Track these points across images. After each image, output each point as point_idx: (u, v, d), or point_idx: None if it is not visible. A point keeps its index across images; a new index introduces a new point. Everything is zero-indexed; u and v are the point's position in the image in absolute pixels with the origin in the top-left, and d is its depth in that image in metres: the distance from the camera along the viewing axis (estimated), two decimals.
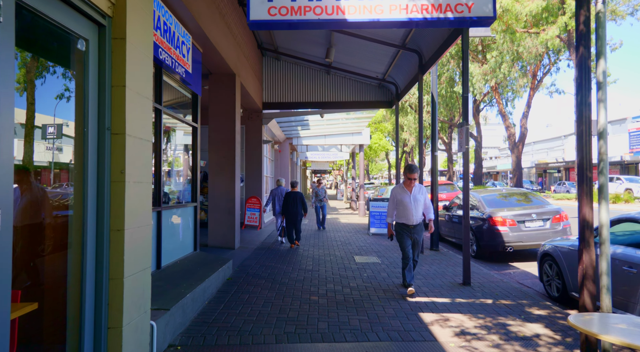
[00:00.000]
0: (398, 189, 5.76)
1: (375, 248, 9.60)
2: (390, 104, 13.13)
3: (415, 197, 5.66)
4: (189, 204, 6.86)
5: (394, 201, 5.76)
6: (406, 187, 5.71)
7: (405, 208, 5.64)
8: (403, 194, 5.69)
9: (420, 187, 5.79)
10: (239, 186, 9.21)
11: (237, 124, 9.19)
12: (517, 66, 29.40)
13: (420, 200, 5.69)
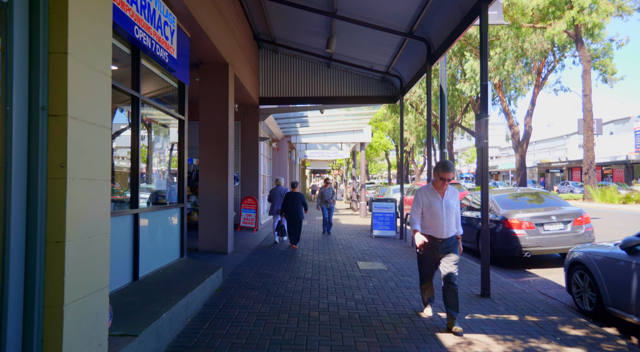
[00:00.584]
0: (426, 192, 4.51)
1: (379, 252, 8.90)
2: (394, 99, 12.43)
3: (447, 204, 4.41)
4: (175, 206, 6.15)
5: (419, 206, 4.49)
6: (437, 190, 4.46)
7: (433, 216, 4.39)
8: (433, 198, 4.43)
9: (454, 191, 4.54)
10: (232, 186, 8.51)
11: (231, 119, 8.48)
12: (521, 63, 28.74)
13: (453, 207, 4.46)
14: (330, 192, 12.16)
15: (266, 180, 16.41)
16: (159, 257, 5.52)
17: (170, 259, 5.92)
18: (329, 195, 12.13)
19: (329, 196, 12.13)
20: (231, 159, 8.48)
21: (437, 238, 4.39)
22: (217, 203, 8.16)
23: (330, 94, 12.39)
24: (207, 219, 8.18)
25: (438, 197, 4.42)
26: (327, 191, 12.18)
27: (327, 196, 12.11)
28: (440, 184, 4.39)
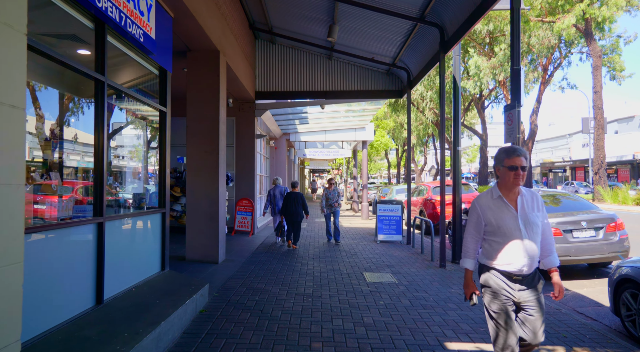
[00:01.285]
0: (488, 200, 2.82)
1: (386, 261, 8.06)
2: (400, 93, 11.59)
3: (526, 218, 2.73)
4: (153, 211, 5.30)
5: (478, 223, 2.85)
6: (505, 195, 2.78)
7: (507, 237, 2.73)
8: (500, 209, 2.76)
9: (534, 197, 2.80)
10: (223, 187, 7.66)
11: (222, 112, 7.63)
12: (526, 59, 27.91)
13: (537, 222, 2.74)
14: (335, 194, 10.55)
15: (263, 180, 15.57)
16: (132, 272, 4.67)
17: (148, 273, 5.07)
18: (334, 198, 10.53)
19: (334, 198, 10.55)
20: (223, 158, 7.64)
21: (513, 274, 2.72)
22: (206, 207, 7.32)
23: (331, 88, 11.55)
24: (196, 225, 7.33)
25: (509, 210, 2.73)
26: (332, 193, 10.53)
27: (332, 198, 10.51)
28: (513, 182, 2.68)
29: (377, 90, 11.63)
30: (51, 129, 3.60)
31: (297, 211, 9.33)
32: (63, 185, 3.65)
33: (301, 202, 9.47)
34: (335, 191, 10.60)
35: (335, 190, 10.61)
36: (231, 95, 11.10)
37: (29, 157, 3.29)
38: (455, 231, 8.07)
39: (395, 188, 19.47)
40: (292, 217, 9.35)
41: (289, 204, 9.37)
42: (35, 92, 3.44)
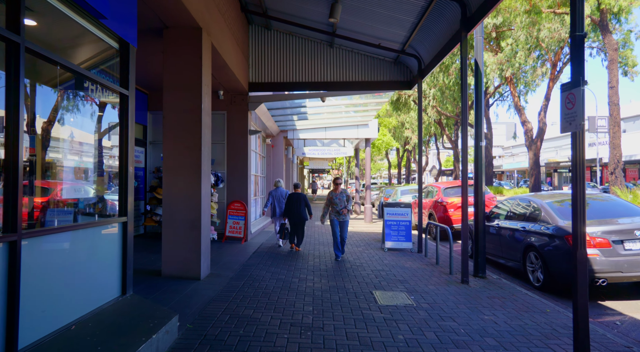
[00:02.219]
0: None
1: (398, 274, 6.93)
2: (409, 84, 10.46)
3: None
4: (108, 220, 4.16)
5: None
6: None
7: None
8: None
9: None
10: (207, 189, 6.52)
11: (206, 102, 6.49)
12: (534, 54, 26.78)
13: None
14: (343, 198, 8.35)
15: (259, 181, 14.43)
16: (74, 303, 3.53)
17: (100, 301, 3.93)
18: (342, 203, 8.32)
19: (343, 204, 8.33)
20: (207, 155, 6.50)
21: None
22: (186, 213, 6.17)
23: (333, 79, 10.42)
24: (173, 235, 6.18)
25: None
26: (339, 197, 8.34)
27: (339, 204, 8.31)
28: None
29: (384, 82, 10.49)
30: None
31: (300, 213, 9.12)
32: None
33: (304, 203, 9.22)
34: (343, 194, 8.40)
35: (343, 192, 8.41)
36: (221, 86, 9.97)
37: None
38: (477, 239, 6.94)
39: (400, 189, 18.34)
40: (295, 219, 9.15)
41: (291, 206, 9.15)
42: None
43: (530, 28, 23.91)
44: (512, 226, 7.41)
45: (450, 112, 36.23)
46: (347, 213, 8.37)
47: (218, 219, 10.12)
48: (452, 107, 36.51)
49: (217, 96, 10.48)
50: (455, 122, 39.23)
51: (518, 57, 25.38)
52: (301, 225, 9.26)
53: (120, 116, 4.44)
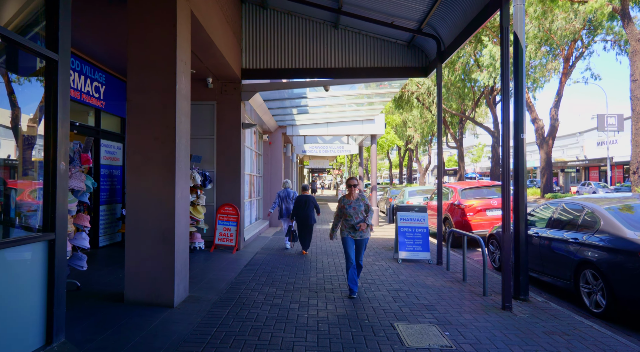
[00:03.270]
0: None
1: (421, 295, 5.62)
2: (425, 70, 9.15)
3: None
4: (26, 239, 2.86)
5: None
6: None
7: None
8: None
9: None
10: (184, 191, 5.21)
11: (182, 81, 5.19)
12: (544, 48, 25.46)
13: None
14: (361, 207, 5.69)
15: (255, 181, 13.12)
16: None
17: None
18: (358, 214, 5.65)
19: (360, 215, 5.65)
20: (184, 149, 5.19)
21: None
22: (156, 222, 4.86)
23: (337, 65, 9.12)
24: (139, 249, 4.88)
25: None
26: (356, 205, 5.67)
27: (355, 215, 5.63)
28: None
29: (395, 68, 9.19)
30: None
31: (308, 215, 8.91)
32: None
33: (313, 206, 9.00)
34: (360, 202, 5.70)
35: (360, 200, 5.72)
36: (210, 72, 8.67)
37: None
38: (518, 252, 5.62)
39: (408, 190, 17.04)
40: (303, 221, 8.93)
41: (299, 208, 8.94)
42: None
43: (542, 19, 22.63)
44: (557, 236, 6.11)
45: (455, 110, 34.91)
46: (366, 229, 5.62)
47: (206, 225, 8.82)
48: (457, 104, 35.20)
49: (206, 84, 9.19)
50: (459, 120, 37.93)
51: (528, 50, 24.06)
52: (309, 227, 9.02)
53: (47, 91, 3.14)
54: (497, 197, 10.69)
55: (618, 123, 39.29)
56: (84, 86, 7.59)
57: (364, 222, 5.60)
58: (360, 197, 5.74)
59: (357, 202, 5.69)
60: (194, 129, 9.27)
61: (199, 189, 8.58)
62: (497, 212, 10.38)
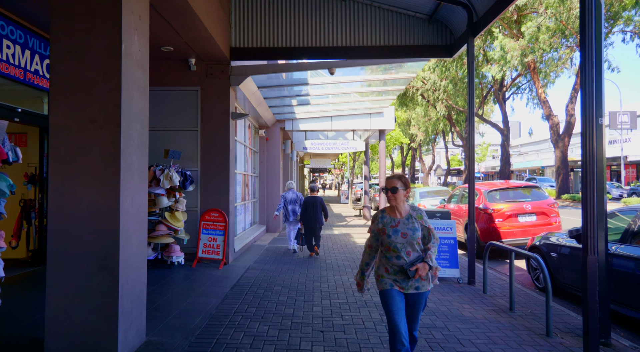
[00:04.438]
0: None
1: (464, 337, 4.13)
2: (449, 49, 7.67)
3: None
4: None
5: None
6: None
7: None
8: None
9: None
10: (139, 197, 3.71)
11: (134, 42, 3.68)
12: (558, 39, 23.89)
13: None
14: (414, 232, 3.02)
15: (250, 181, 11.63)
16: None
17: None
18: (411, 243, 3.01)
19: (415, 246, 3.03)
20: (136, 137, 3.69)
21: None
22: (90, 241, 3.37)
23: (344, 43, 7.64)
24: (66, 281, 3.38)
25: None
26: (406, 230, 3.02)
27: (406, 249, 3.01)
28: None
29: (414, 47, 7.70)
30: None
31: (316, 217, 8.66)
32: None
33: (321, 207, 8.71)
34: (414, 221, 3.06)
35: (414, 218, 3.07)
36: (192, 51, 7.19)
37: None
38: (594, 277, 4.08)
39: (418, 191, 15.52)
40: (311, 224, 8.67)
41: (307, 210, 8.69)
42: None
43: (560, 7, 21.12)
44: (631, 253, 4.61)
45: (462, 107, 33.41)
46: (427, 276, 3.05)
47: (187, 235, 7.32)
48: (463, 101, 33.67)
49: (187, 66, 7.71)
50: (466, 118, 36.40)
51: (542, 42, 22.51)
52: (318, 230, 8.75)
53: None
54: (529, 200, 9.18)
55: (631, 121, 37.78)
56: (30, 64, 6.09)
57: (424, 263, 2.95)
58: (414, 215, 3.08)
59: (408, 224, 3.03)
60: (173, 120, 7.78)
61: (177, 192, 7.09)
62: (531, 218, 8.88)
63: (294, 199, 9.17)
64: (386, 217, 3.11)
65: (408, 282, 3.02)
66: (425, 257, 3.01)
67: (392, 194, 3.07)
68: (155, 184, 6.81)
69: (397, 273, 3.03)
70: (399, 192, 3.05)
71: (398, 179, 3.10)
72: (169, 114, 7.78)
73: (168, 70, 7.74)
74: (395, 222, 3.06)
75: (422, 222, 3.08)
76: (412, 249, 3.01)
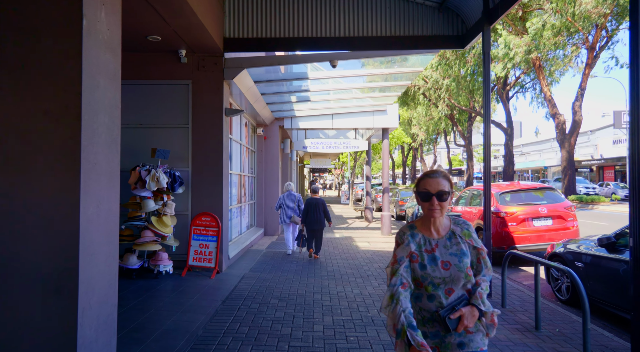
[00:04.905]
0: None
1: None
2: (461, 40, 7.08)
3: None
4: None
5: None
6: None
7: None
8: None
9: None
10: (104, 203, 3.11)
11: (99, 17, 3.08)
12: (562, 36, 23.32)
13: None
14: (460, 258, 1.95)
15: (247, 182, 11.05)
16: None
17: None
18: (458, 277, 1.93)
19: (461, 281, 1.94)
20: (102, 131, 3.10)
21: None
22: (41, 258, 2.78)
23: (347, 34, 7.05)
24: (11, 307, 2.78)
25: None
26: (448, 258, 1.96)
27: (448, 285, 1.94)
28: None
29: (422, 37, 7.11)
30: None
31: (318, 219, 8.56)
32: None
33: (322, 209, 8.60)
34: (457, 241, 2.01)
35: (458, 237, 2.02)
36: (181, 41, 6.60)
37: None
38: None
39: None
40: (313, 226, 8.55)
41: (309, 212, 8.58)
42: None
43: (564, 4, 20.55)
44: None
45: (465, 105, 32.82)
46: (476, 327, 1.97)
47: (176, 241, 6.73)
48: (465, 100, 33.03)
49: (177, 58, 7.12)
50: (468, 117, 35.87)
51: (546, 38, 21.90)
52: (319, 232, 8.63)
53: None
54: (545, 202, 8.58)
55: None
56: None
57: (472, 306, 1.92)
58: (458, 232, 2.04)
59: (451, 247, 2.00)
60: (161, 116, 7.20)
61: (165, 194, 6.50)
62: (547, 222, 8.30)
63: (291, 200, 9.02)
64: (418, 236, 2.00)
65: (446, 337, 1.93)
66: (472, 298, 1.92)
67: (439, 203, 1.94)
68: (140, 186, 6.22)
69: (427, 322, 1.96)
70: (448, 200, 1.96)
71: (444, 178, 1.99)
72: (158, 109, 7.19)
73: (156, 62, 7.15)
74: (432, 245, 1.98)
75: (470, 242, 2.01)
76: (455, 285, 1.92)
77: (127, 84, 7.13)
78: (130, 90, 7.13)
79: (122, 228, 6.42)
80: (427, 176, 2.01)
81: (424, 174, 2.04)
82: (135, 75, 7.12)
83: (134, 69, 7.10)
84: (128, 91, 7.13)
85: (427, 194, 1.95)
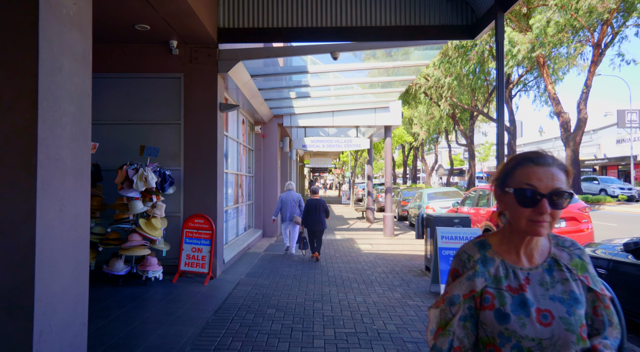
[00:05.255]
0: None
1: None
2: (471, 30, 6.64)
3: None
4: None
5: None
6: None
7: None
8: None
9: None
10: (69, 207, 2.67)
11: None
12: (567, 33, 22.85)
13: None
14: (573, 309, 1.13)
15: (244, 182, 10.60)
16: None
17: None
18: (568, 342, 1.10)
19: (572, 346, 1.11)
20: (67, 122, 2.66)
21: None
22: None
23: (349, 24, 6.60)
24: None
25: None
26: (558, 309, 1.13)
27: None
28: None
29: (430, 27, 6.66)
30: None
31: (319, 220, 8.48)
32: None
33: (323, 210, 8.52)
34: (570, 282, 1.17)
35: (566, 275, 1.18)
36: (172, 31, 6.15)
37: None
38: None
39: (426, 192, 14.52)
40: (313, 227, 8.47)
41: (310, 213, 8.52)
42: None
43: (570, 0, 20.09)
44: None
45: (467, 104, 32.37)
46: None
47: (166, 245, 6.29)
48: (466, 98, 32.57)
49: (168, 50, 6.68)
50: (470, 116, 35.42)
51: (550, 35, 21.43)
52: (320, 233, 8.53)
53: None
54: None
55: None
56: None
57: None
58: (565, 260, 1.21)
59: (554, 284, 1.17)
60: (151, 111, 6.75)
61: (155, 195, 6.05)
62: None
63: (292, 199, 9.08)
64: (494, 262, 1.21)
65: None
66: None
67: (552, 212, 1.12)
68: (127, 185, 5.78)
69: None
70: (564, 208, 1.12)
71: (559, 168, 1.16)
72: (147, 104, 6.75)
73: (146, 54, 6.71)
74: (520, 280, 1.18)
75: (585, 280, 1.19)
76: (563, 350, 1.11)
77: (114, 77, 6.71)
78: (118, 83, 6.69)
79: (108, 231, 5.98)
80: (529, 160, 1.15)
81: (523, 157, 1.17)
82: (123, 68, 6.68)
83: (122, 61, 6.66)
84: (115, 84, 6.70)
85: (533, 193, 1.11)
